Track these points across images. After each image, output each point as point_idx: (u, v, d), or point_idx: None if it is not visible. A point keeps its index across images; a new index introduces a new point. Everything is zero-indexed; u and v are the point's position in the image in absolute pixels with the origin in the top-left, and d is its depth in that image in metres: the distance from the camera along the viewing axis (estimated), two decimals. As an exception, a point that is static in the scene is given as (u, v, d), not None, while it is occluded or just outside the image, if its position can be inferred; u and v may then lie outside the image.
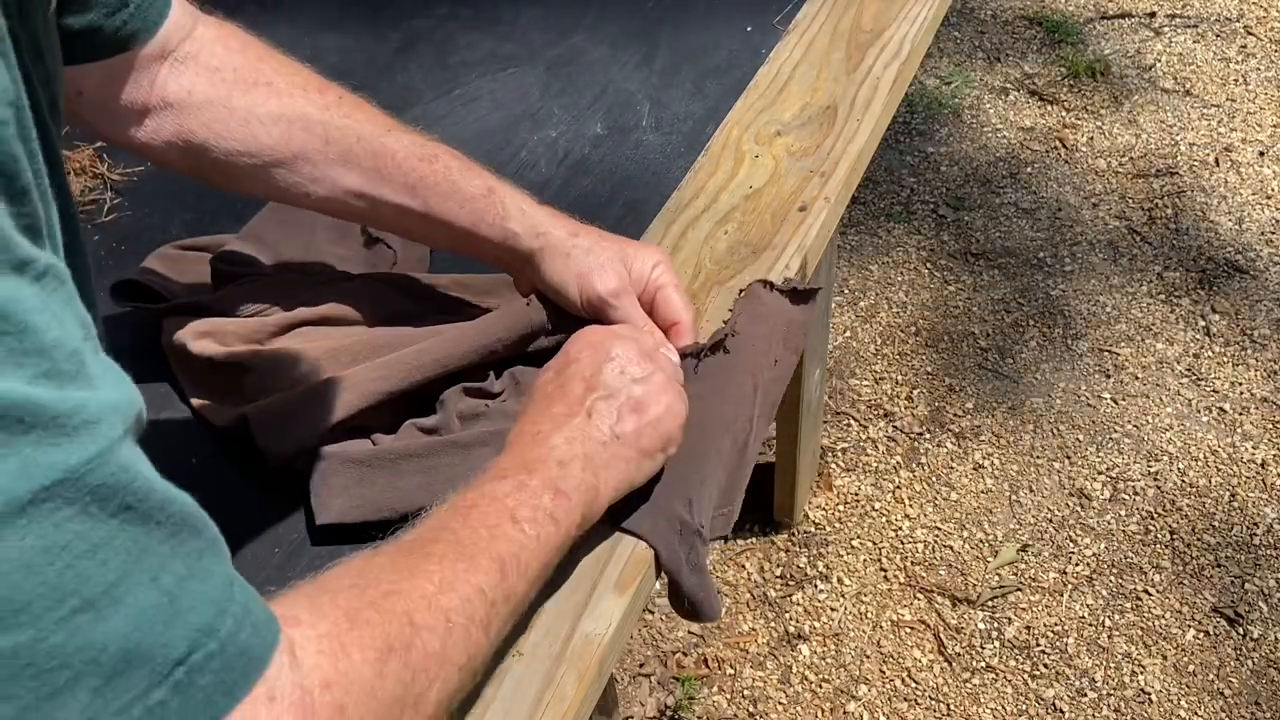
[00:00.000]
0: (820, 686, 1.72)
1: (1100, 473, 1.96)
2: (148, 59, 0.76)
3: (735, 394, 0.84)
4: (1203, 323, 2.21)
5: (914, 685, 1.71)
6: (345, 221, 0.98)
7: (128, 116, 0.77)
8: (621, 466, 0.72)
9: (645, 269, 0.86)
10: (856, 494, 1.96)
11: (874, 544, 1.89)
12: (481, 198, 0.84)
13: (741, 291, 0.90)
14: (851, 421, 2.07)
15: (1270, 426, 2.02)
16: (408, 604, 0.54)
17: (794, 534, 1.91)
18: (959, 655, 1.74)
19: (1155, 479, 1.95)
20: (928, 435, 2.04)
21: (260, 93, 0.80)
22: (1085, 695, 1.69)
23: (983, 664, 1.73)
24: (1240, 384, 2.09)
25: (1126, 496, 1.93)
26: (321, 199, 0.83)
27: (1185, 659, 1.73)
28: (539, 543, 0.64)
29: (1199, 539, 1.87)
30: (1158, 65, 2.81)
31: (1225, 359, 2.14)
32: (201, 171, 0.82)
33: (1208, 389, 2.09)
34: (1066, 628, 1.77)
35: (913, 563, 1.86)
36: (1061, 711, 1.67)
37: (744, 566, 1.87)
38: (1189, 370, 2.12)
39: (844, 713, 1.69)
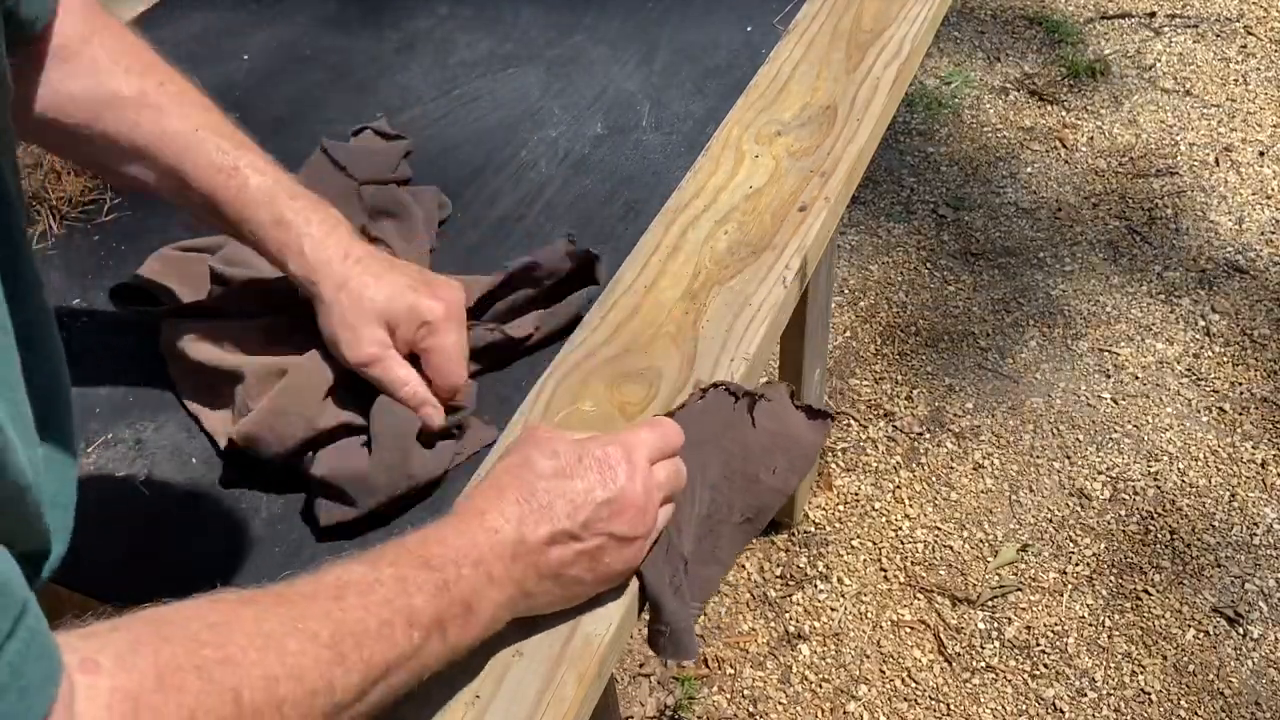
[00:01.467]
0: (820, 686, 1.72)
1: (1100, 473, 1.96)
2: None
3: (737, 457, 0.81)
4: (1203, 323, 2.21)
5: (914, 685, 1.71)
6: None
7: None
8: (544, 599, 0.69)
9: (410, 330, 0.81)
10: (856, 494, 1.96)
11: (874, 544, 1.89)
12: (271, 227, 0.80)
13: (760, 393, 0.84)
14: (851, 421, 2.07)
15: (1270, 426, 2.02)
16: (241, 679, 0.48)
17: (794, 534, 1.91)
18: (959, 655, 1.74)
19: (1155, 479, 1.95)
20: (928, 435, 2.04)
21: (78, 64, 0.77)
22: (1085, 695, 1.69)
23: (983, 664, 1.73)
24: (1240, 384, 2.09)
25: (1126, 496, 1.93)
26: (136, 184, 0.82)
27: (1185, 659, 1.73)
28: (421, 656, 0.59)
29: (1199, 539, 1.87)
30: (1158, 65, 2.81)
31: (1225, 359, 2.14)
32: (27, 135, 0.80)
33: (1208, 389, 2.09)
34: (1066, 628, 1.77)
35: (913, 563, 1.86)
36: (1061, 711, 1.67)
37: (744, 566, 1.87)
38: (1189, 370, 2.12)
39: (844, 713, 1.69)
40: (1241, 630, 1.75)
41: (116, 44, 0.80)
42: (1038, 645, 1.75)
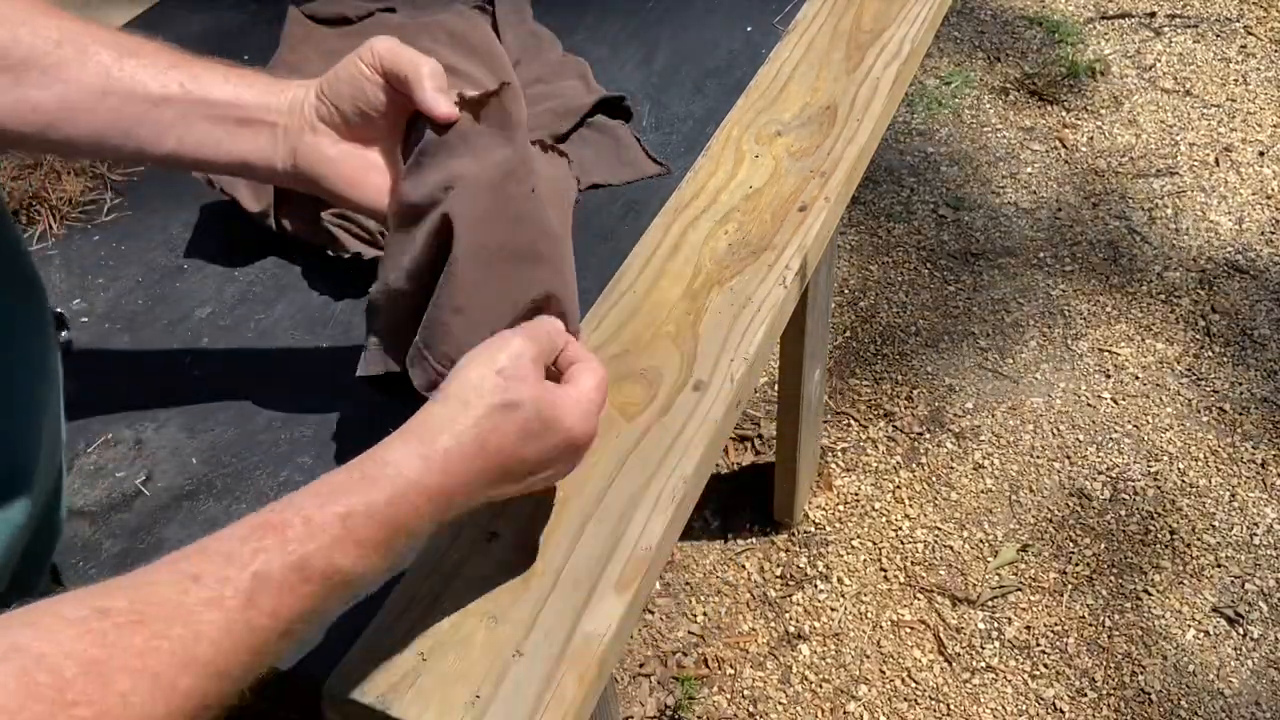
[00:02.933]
0: (820, 686, 1.72)
1: (1100, 473, 1.96)
2: None
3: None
4: (1203, 323, 2.21)
5: (914, 685, 1.71)
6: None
7: None
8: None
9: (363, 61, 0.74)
10: (856, 494, 1.96)
11: (874, 544, 1.89)
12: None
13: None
14: (851, 421, 2.07)
15: (1270, 426, 2.02)
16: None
17: (794, 534, 1.91)
18: (959, 655, 1.74)
19: (1155, 479, 1.95)
20: (928, 435, 2.04)
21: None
22: (1085, 695, 1.69)
23: (983, 664, 1.73)
24: (1240, 384, 2.09)
25: (1126, 496, 1.93)
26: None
27: (1185, 659, 1.73)
28: (335, 595, 0.56)
29: (1199, 539, 1.87)
30: (1158, 65, 2.81)
31: (1225, 359, 2.14)
32: None
33: (1208, 389, 2.09)
34: (1066, 628, 1.77)
35: (913, 563, 1.86)
36: (1062, 711, 1.67)
37: (744, 566, 1.87)
38: (1189, 370, 2.12)
39: (844, 713, 1.69)
40: (1241, 630, 1.75)
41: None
42: (1038, 645, 1.75)
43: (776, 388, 1.70)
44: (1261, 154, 2.55)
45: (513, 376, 0.65)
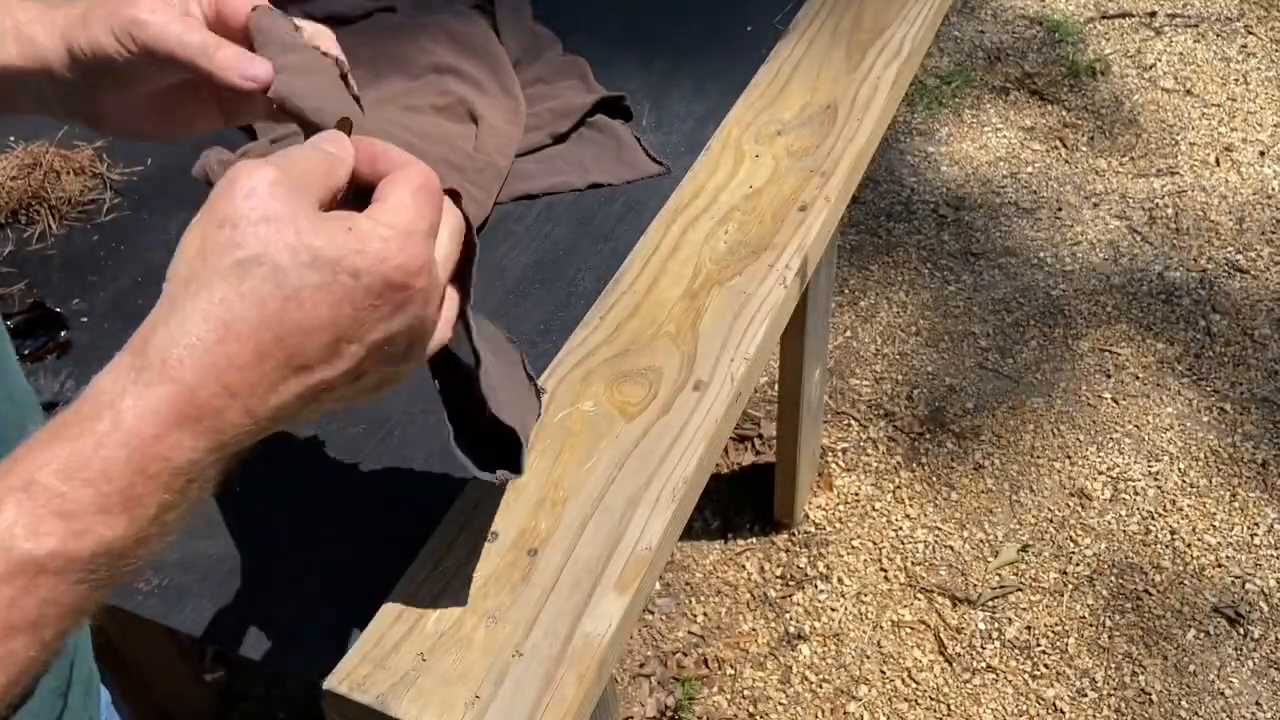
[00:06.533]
0: (820, 687, 1.72)
1: (1101, 473, 1.96)
2: None
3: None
4: (1203, 323, 2.21)
5: (914, 685, 1.71)
6: None
7: None
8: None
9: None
10: (857, 494, 1.96)
11: (874, 544, 1.89)
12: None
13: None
14: (851, 421, 2.07)
15: (1270, 426, 2.02)
16: None
17: (794, 534, 1.90)
18: (959, 655, 1.74)
19: (1155, 479, 1.95)
20: (928, 435, 2.04)
21: None
22: (1086, 695, 1.69)
23: (983, 664, 1.73)
24: (1240, 384, 2.09)
25: (1127, 496, 1.93)
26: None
27: (1185, 659, 1.72)
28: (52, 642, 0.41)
29: (1199, 539, 1.87)
30: (1158, 65, 2.81)
31: (1225, 359, 2.14)
32: None
33: (1208, 389, 2.09)
34: (1067, 628, 1.76)
35: (913, 563, 1.86)
36: (1062, 712, 1.67)
37: (744, 566, 1.87)
38: (1189, 370, 2.12)
39: (844, 713, 1.69)
40: (1242, 630, 1.75)
41: None
42: (1038, 645, 1.75)
43: (776, 388, 1.70)
44: (1262, 154, 2.55)
45: (246, 219, 0.45)
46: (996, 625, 1.77)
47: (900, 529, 1.90)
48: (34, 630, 0.40)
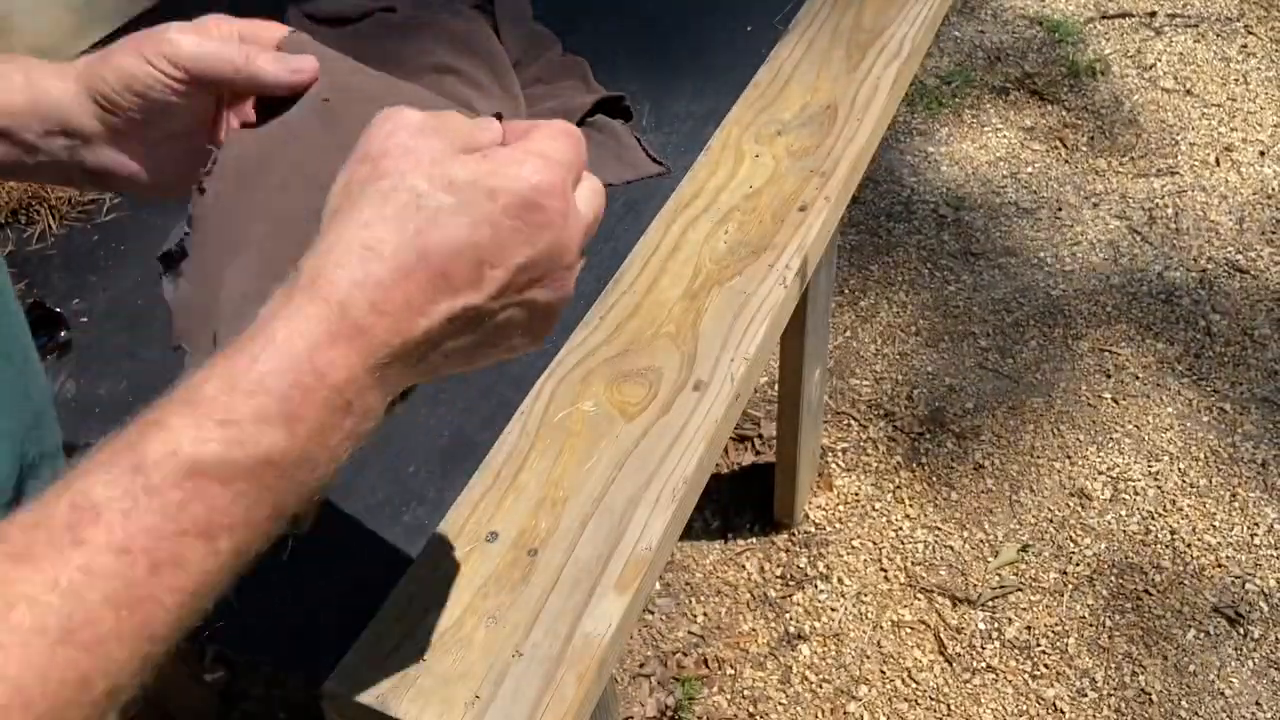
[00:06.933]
0: (820, 687, 1.72)
1: (1101, 473, 1.96)
2: None
3: None
4: (1203, 323, 2.21)
5: (914, 685, 1.71)
6: None
7: None
8: (403, 381, 0.49)
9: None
10: (856, 494, 1.96)
11: (874, 544, 1.89)
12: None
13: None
14: (851, 421, 2.07)
15: (1270, 426, 2.02)
16: None
17: (794, 534, 1.90)
18: (959, 655, 1.74)
19: (1155, 479, 1.95)
20: (928, 435, 2.04)
21: None
22: (1086, 695, 1.69)
23: (983, 664, 1.73)
24: (1240, 384, 2.09)
25: (1127, 496, 1.93)
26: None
27: (1185, 659, 1.72)
28: (238, 554, 0.43)
29: (1199, 539, 1.87)
30: (1158, 65, 2.81)
31: (1225, 359, 2.14)
32: None
33: (1208, 389, 2.09)
34: (1067, 628, 1.76)
35: (913, 563, 1.86)
36: (1062, 712, 1.67)
37: (744, 566, 1.87)
38: (1189, 370, 2.12)
39: (844, 713, 1.69)
40: (1242, 630, 1.75)
41: None
42: (1038, 645, 1.75)
43: (776, 388, 1.70)
44: (1262, 154, 2.55)
45: (388, 154, 0.47)
46: (996, 625, 1.77)
47: (900, 529, 1.90)
48: (206, 538, 0.41)
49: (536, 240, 0.48)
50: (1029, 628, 1.77)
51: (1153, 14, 2.97)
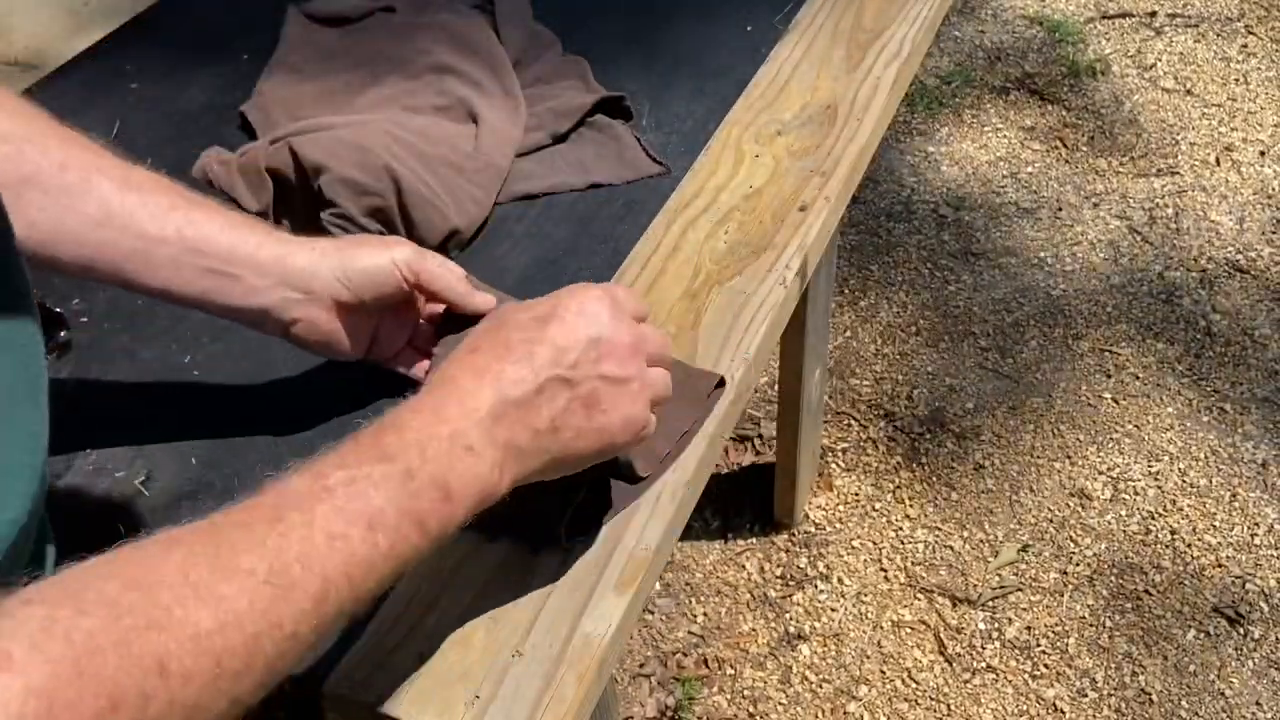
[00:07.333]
0: (820, 687, 1.72)
1: (1101, 473, 1.96)
2: None
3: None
4: (1203, 323, 2.21)
5: (914, 685, 1.71)
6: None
7: None
8: (541, 460, 0.63)
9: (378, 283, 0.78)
10: (857, 494, 1.96)
11: (874, 544, 1.89)
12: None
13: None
14: (851, 421, 2.07)
15: (1270, 426, 2.02)
16: (167, 645, 0.44)
17: (794, 534, 1.90)
18: (959, 655, 1.74)
19: (1156, 479, 1.95)
20: (928, 435, 2.04)
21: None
22: (1086, 695, 1.69)
23: (983, 664, 1.73)
24: (1240, 384, 2.09)
25: (1127, 496, 1.93)
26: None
27: (1185, 659, 1.72)
28: (388, 556, 0.54)
29: (1199, 539, 1.87)
30: (1158, 65, 2.81)
31: (1225, 359, 2.14)
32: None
33: (1208, 389, 2.09)
34: (1067, 628, 1.76)
35: (913, 563, 1.86)
36: (1062, 712, 1.67)
37: (744, 566, 1.87)
38: (1189, 370, 2.12)
39: (844, 713, 1.69)
40: (1242, 630, 1.75)
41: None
42: (1038, 645, 1.75)
43: (776, 388, 1.70)
44: (1262, 154, 2.55)
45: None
46: (996, 625, 1.77)
47: (900, 529, 1.90)
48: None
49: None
50: (1029, 628, 1.77)
51: (1153, 14, 2.97)
